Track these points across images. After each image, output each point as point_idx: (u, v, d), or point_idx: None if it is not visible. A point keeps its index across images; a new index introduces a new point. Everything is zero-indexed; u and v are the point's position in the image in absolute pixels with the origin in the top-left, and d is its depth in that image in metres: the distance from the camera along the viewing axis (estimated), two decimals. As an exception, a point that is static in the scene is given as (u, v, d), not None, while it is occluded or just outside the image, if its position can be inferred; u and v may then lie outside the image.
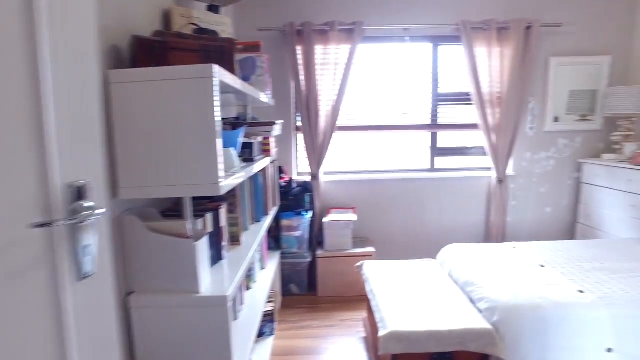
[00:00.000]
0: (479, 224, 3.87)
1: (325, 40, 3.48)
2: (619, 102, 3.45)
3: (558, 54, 3.70)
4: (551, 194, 3.88)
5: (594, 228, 3.62)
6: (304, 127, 3.56)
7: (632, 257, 2.53)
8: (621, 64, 3.77)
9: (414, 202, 3.81)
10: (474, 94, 3.58)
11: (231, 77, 1.52)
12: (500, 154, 3.65)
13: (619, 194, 3.34)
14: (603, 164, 3.50)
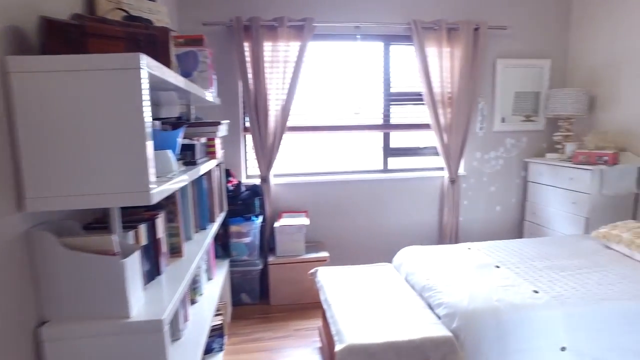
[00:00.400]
0: (433, 224, 3.87)
1: (274, 36, 3.33)
2: (559, 104, 3.56)
3: (504, 56, 3.77)
4: (500, 193, 3.96)
5: (540, 225, 3.72)
6: (252, 128, 3.38)
7: (577, 253, 2.59)
8: (559, 67, 3.91)
9: (368, 204, 3.74)
10: (425, 93, 3.57)
11: (166, 70, 1.34)
12: (452, 154, 3.67)
13: (562, 192, 3.45)
14: (546, 163, 3.61)
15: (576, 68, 3.84)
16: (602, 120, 3.60)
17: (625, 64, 3.37)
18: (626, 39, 3.36)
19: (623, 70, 3.39)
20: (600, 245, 2.70)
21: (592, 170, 3.18)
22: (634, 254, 2.45)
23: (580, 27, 3.78)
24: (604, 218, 3.27)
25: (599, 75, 3.61)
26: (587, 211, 3.23)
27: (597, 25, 3.62)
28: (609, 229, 2.66)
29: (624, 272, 2.28)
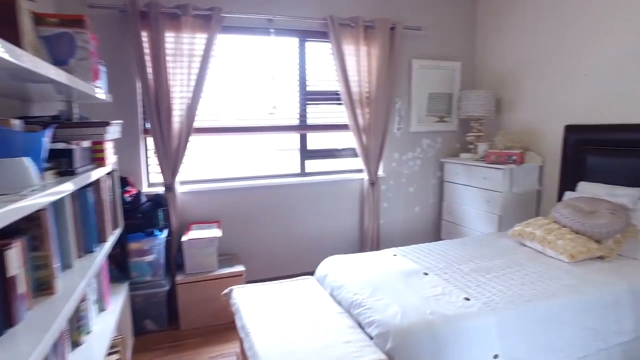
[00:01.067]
0: (354, 228, 3.75)
1: (177, 26, 2.95)
2: (470, 105, 3.65)
3: (419, 56, 3.78)
4: (419, 194, 3.97)
5: (456, 224, 3.78)
6: (153, 130, 2.96)
7: (497, 252, 2.60)
8: (468, 70, 4.03)
9: (285, 211, 3.50)
10: (343, 93, 3.43)
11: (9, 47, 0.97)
12: (372, 155, 3.58)
13: (476, 191, 3.53)
14: (461, 162, 3.67)
15: (483, 71, 3.98)
16: (508, 121, 3.76)
17: (526, 69, 3.54)
18: (525, 46, 3.53)
19: (524, 75, 3.56)
20: (516, 243, 2.76)
21: (504, 170, 3.27)
22: (545, 250, 2.51)
23: (485, 33, 3.93)
24: (514, 215, 3.40)
25: (504, 79, 3.76)
26: (500, 209, 3.32)
27: (499, 32, 3.77)
28: (523, 227, 2.72)
29: (540, 269, 2.31)
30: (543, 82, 3.40)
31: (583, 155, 3.07)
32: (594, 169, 2.99)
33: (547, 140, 3.40)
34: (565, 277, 2.21)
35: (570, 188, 3.12)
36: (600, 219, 2.46)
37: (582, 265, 2.34)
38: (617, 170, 2.85)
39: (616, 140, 2.88)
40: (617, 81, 2.88)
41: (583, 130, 3.08)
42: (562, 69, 3.24)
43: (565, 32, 3.20)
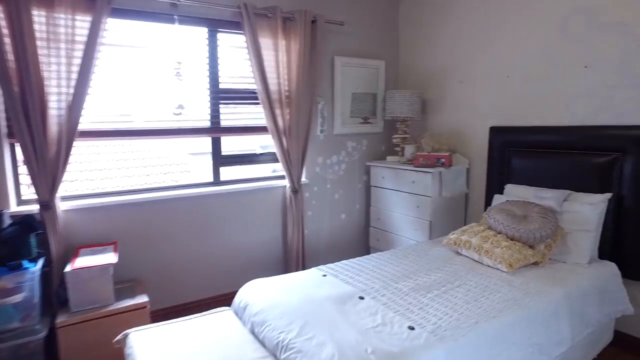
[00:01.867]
0: (276, 241, 3.39)
1: (49, 3, 2.36)
2: (396, 106, 3.48)
3: (342, 53, 3.53)
4: (345, 200, 3.72)
5: (385, 231, 3.59)
6: (20, 134, 2.34)
7: (434, 265, 2.41)
8: (392, 69, 3.88)
9: (198, 225, 3.03)
10: (260, 91, 3.06)
11: None
12: (294, 160, 3.24)
13: (405, 196, 3.36)
14: (388, 166, 3.49)
15: (407, 71, 3.85)
16: (434, 123, 3.66)
17: (450, 69, 3.45)
18: (449, 46, 3.44)
19: (449, 75, 3.48)
20: (451, 252, 2.60)
21: (433, 173, 3.13)
22: (482, 258, 2.37)
23: (408, 31, 3.80)
24: (444, 220, 3.28)
25: (429, 79, 3.65)
26: (430, 214, 3.18)
27: (422, 31, 3.66)
28: (458, 235, 2.57)
29: (482, 281, 2.15)
30: (468, 82, 3.33)
31: (508, 157, 3.03)
32: (519, 171, 2.96)
33: (473, 142, 3.34)
34: (507, 289, 2.06)
35: (498, 191, 3.06)
36: (533, 224, 2.37)
37: (520, 274, 2.23)
38: (540, 172, 2.82)
39: (537, 142, 2.86)
40: (536, 83, 2.86)
41: (507, 132, 3.04)
42: (486, 70, 3.18)
43: (488, 34, 3.14)
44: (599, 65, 2.55)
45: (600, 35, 2.53)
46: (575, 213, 2.47)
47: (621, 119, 2.48)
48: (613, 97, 2.51)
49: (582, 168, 2.62)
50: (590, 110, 2.62)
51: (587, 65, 2.61)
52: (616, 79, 2.48)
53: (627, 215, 2.44)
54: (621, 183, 2.47)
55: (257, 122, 3.26)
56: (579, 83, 2.65)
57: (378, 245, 3.67)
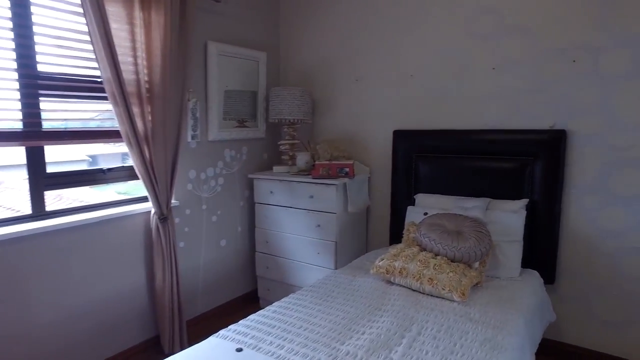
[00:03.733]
0: (139, 290, 2.44)
1: None
2: (285, 107, 2.91)
3: (218, 38, 2.78)
4: (224, 222, 2.97)
5: (277, 256, 2.97)
6: None
7: (373, 305, 1.91)
8: (274, 63, 3.31)
9: (7, 286, 1.92)
10: (108, 80, 2.11)
11: None
12: (160, 176, 2.37)
13: (302, 214, 2.81)
14: (277, 178, 2.89)
15: (290, 66, 3.31)
16: (323, 126, 3.21)
17: (344, 67, 3.05)
18: (341, 40, 3.04)
19: (342, 73, 3.07)
20: (381, 282, 2.15)
21: (337, 185, 2.66)
22: (424, 287, 1.99)
23: (291, 19, 3.27)
24: (350, 239, 2.86)
25: (316, 77, 3.19)
26: (336, 234, 2.70)
27: (307, 20, 3.18)
28: (390, 261, 2.14)
29: (440, 320, 1.75)
30: (366, 81, 2.97)
31: (415, 164, 2.76)
32: (428, 179, 2.72)
33: (373, 147, 2.99)
34: (472, 326, 1.70)
35: (405, 201, 2.78)
36: (469, 240, 2.10)
37: (473, 303, 1.90)
38: (450, 179, 2.63)
39: (446, 146, 2.66)
40: (443, 84, 2.66)
41: (413, 136, 2.77)
42: (387, 68, 2.86)
43: (388, 27, 2.82)
44: (507, 69, 2.46)
45: (508, 38, 2.43)
46: (499, 223, 2.31)
47: (531, 123, 2.42)
48: (522, 101, 2.44)
49: (495, 173, 2.50)
50: (500, 114, 2.51)
51: (495, 67, 2.50)
52: (524, 82, 2.41)
53: (540, 220, 2.39)
54: (533, 188, 2.41)
55: (103, 125, 2.28)
56: (487, 85, 2.53)
57: (268, 274, 3.03)
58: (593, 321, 2.35)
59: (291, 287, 2.92)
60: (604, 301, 2.31)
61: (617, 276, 2.27)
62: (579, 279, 2.37)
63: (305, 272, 2.84)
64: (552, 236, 2.37)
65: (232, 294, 3.06)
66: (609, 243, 2.27)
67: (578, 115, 2.28)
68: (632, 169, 2.18)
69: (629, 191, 2.20)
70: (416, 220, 2.52)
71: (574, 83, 2.28)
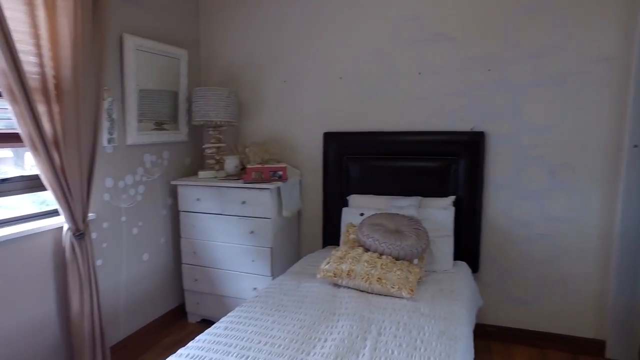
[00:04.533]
0: (49, 321, 2.08)
1: None
2: (210, 108, 2.73)
3: (135, 31, 2.51)
4: (147, 234, 2.69)
5: (207, 267, 2.79)
6: None
7: (324, 308, 1.89)
8: (196, 62, 3.09)
9: None
10: (2, 73, 1.77)
11: None
12: (74, 186, 2.06)
13: (234, 220, 2.68)
14: (205, 184, 2.71)
15: (213, 66, 3.13)
16: (250, 129, 3.09)
17: (267, 68, 2.98)
18: (264, 40, 2.96)
19: (265, 74, 2.99)
20: (328, 286, 2.13)
21: (271, 189, 2.58)
22: (373, 287, 2.02)
23: (212, 14, 3.09)
24: (284, 245, 2.79)
25: (241, 77, 3.06)
26: (271, 239, 2.62)
27: (230, 16, 3.04)
28: (336, 264, 2.13)
29: (396, 318, 1.78)
30: (294, 83, 2.92)
31: (346, 166, 2.80)
32: (360, 180, 2.77)
33: (303, 150, 2.96)
34: (425, 320, 1.77)
35: (338, 203, 2.80)
36: (409, 239, 2.19)
37: (420, 298, 1.98)
38: (382, 179, 2.72)
39: (377, 148, 2.75)
40: (372, 87, 2.74)
41: (343, 138, 2.81)
42: (316, 69, 2.85)
43: (317, 28, 2.82)
44: (432, 74, 2.61)
45: (432, 45, 2.59)
46: (431, 219, 2.45)
47: (454, 125, 2.61)
48: (446, 105, 2.61)
49: (423, 173, 2.64)
50: (426, 116, 2.66)
51: (420, 72, 2.64)
52: (447, 87, 2.59)
53: (464, 214, 2.59)
54: (457, 185, 2.60)
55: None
56: (414, 89, 2.66)
57: (197, 287, 2.82)
58: (509, 302, 2.62)
59: (224, 298, 2.76)
60: (517, 283, 2.59)
61: (527, 260, 2.56)
62: (497, 265, 2.62)
63: (239, 282, 2.71)
64: (475, 229, 2.59)
65: (157, 312, 2.79)
66: (520, 232, 2.55)
67: (494, 118, 2.52)
68: (536, 166, 2.48)
69: (534, 185, 2.50)
70: (353, 221, 2.56)
71: (490, 89, 2.51)
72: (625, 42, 2.27)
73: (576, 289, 2.50)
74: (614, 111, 2.33)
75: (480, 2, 2.48)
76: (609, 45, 2.30)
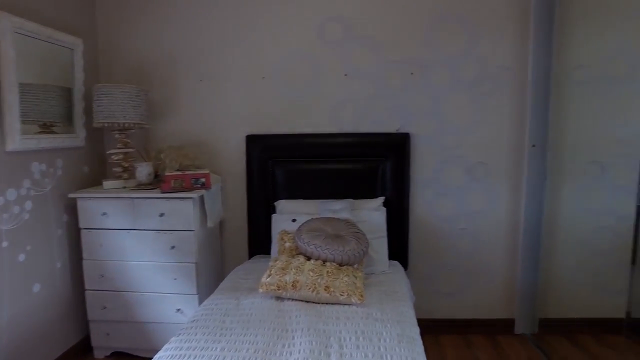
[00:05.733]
0: None
1: None
2: (115, 108, 2.37)
3: (13, 9, 2.04)
4: (37, 260, 2.23)
5: (118, 291, 2.41)
6: None
7: (275, 325, 1.73)
8: (94, 54, 2.66)
9: None
10: None
11: None
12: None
13: (150, 235, 2.36)
14: (116, 196, 2.34)
15: (115, 59, 2.73)
16: (162, 132, 2.76)
17: (181, 64, 2.70)
18: (177, 32, 2.68)
19: (179, 72, 2.71)
20: (271, 300, 1.97)
21: (194, 199, 2.33)
22: (320, 296, 1.93)
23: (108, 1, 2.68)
24: (209, 258, 2.56)
25: (151, 75, 2.72)
26: (195, 254, 2.37)
27: (131, 4, 2.68)
28: (279, 276, 1.98)
29: (352, 328, 1.70)
30: (213, 82, 2.68)
31: (272, 170, 2.67)
32: (287, 184, 2.66)
33: (224, 154, 2.74)
34: (381, 326, 1.72)
35: (264, 209, 2.66)
36: (350, 243, 2.14)
37: (368, 303, 1.93)
38: (310, 183, 2.65)
39: (303, 151, 2.66)
40: (298, 88, 2.65)
41: (268, 141, 2.67)
42: (237, 68, 2.65)
43: (237, 23, 2.62)
44: (358, 76, 2.61)
45: (357, 48, 2.59)
46: (366, 221, 2.44)
47: (380, 127, 2.65)
48: (372, 107, 2.63)
49: (352, 175, 2.63)
50: (353, 118, 2.65)
51: (347, 74, 2.62)
52: (373, 89, 2.62)
53: (393, 214, 2.63)
54: (385, 186, 2.64)
55: None
56: (340, 91, 2.63)
57: (106, 316, 2.42)
58: (436, 295, 2.75)
59: (141, 325, 2.42)
60: (443, 276, 2.74)
61: (451, 254, 2.71)
62: (425, 261, 2.73)
63: (160, 304, 2.39)
64: (404, 227, 2.66)
65: (55, 352, 2.32)
66: (444, 227, 2.70)
67: (418, 120, 2.62)
68: (455, 165, 2.64)
69: (454, 183, 2.66)
70: (286, 228, 2.44)
71: (413, 92, 2.60)
72: (522, 53, 2.53)
73: (491, 277, 2.72)
74: (517, 114, 2.59)
75: (403, 9, 2.55)
76: (510, 55, 2.54)
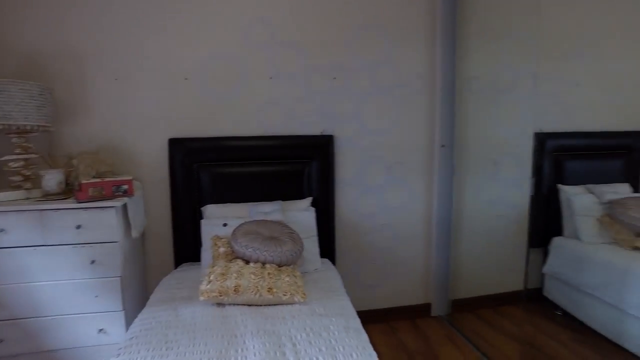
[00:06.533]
0: None
1: None
2: (11, 107, 2.09)
3: None
4: None
5: (21, 319, 2.12)
6: None
7: (222, 332, 1.69)
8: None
9: None
10: None
11: None
12: None
13: (65, 251, 2.13)
14: (17, 209, 2.06)
15: (7, 51, 2.38)
16: (71, 136, 2.49)
17: (92, 61, 2.47)
18: (85, 26, 2.44)
19: (90, 69, 2.47)
20: (212, 307, 1.92)
21: (117, 207, 2.16)
22: (263, 298, 1.93)
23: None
24: (133, 270, 2.38)
25: (56, 71, 2.44)
26: (120, 267, 2.19)
27: (26, -8, 2.38)
28: (219, 282, 1.93)
29: (300, 325, 1.74)
30: (130, 81, 2.49)
31: (197, 174, 2.59)
32: (213, 188, 2.60)
33: (143, 159, 2.56)
34: (328, 320, 1.80)
35: (190, 215, 2.57)
36: (286, 244, 2.17)
37: (309, 300, 1.99)
38: (236, 186, 2.62)
39: (229, 153, 2.62)
40: (222, 90, 2.59)
41: (192, 144, 2.57)
42: (156, 68, 2.50)
43: (156, 20, 2.47)
44: (282, 79, 2.65)
45: (281, 51, 2.62)
46: (296, 222, 2.49)
47: (305, 129, 2.71)
48: (297, 109, 2.69)
49: (279, 177, 2.67)
50: (278, 121, 2.68)
51: (272, 76, 2.64)
52: (298, 92, 2.68)
53: (320, 213, 2.72)
54: (312, 186, 2.72)
55: None
56: (266, 93, 2.64)
57: (6, 349, 2.11)
58: (362, 287, 2.92)
59: (53, 353, 2.16)
60: (366, 270, 2.91)
61: (373, 248, 2.90)
62: (350, 256, 2.87)
63: (78, 327, 2.17)
64: (330, 225, 2.77)
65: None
66: (366, 224, 2.87)
67: (341, 122, 2.75)
68: (376, 164, 2.83)
69: (375, 181, 2.85)
70: (218, 233, 2.38)
71: (336, 95, 2.72)
72: (432, 62, 2.81)
73: (410, 267, 2.97)
74: (429, 117, 2.86)
75: (328, 16, 2.65)
76: (422, 64, 2.81)
